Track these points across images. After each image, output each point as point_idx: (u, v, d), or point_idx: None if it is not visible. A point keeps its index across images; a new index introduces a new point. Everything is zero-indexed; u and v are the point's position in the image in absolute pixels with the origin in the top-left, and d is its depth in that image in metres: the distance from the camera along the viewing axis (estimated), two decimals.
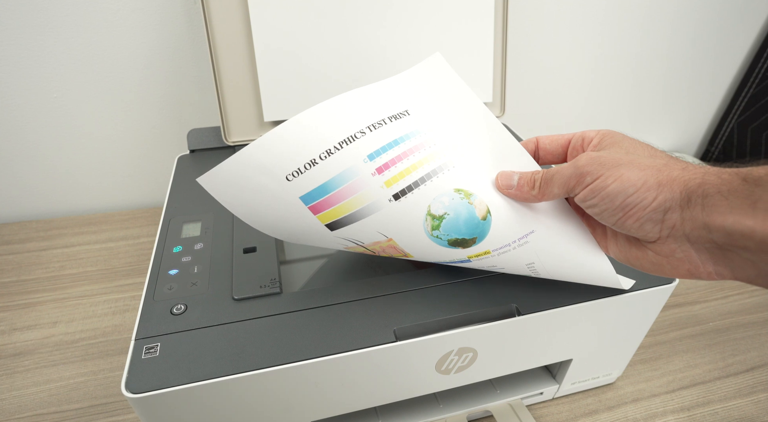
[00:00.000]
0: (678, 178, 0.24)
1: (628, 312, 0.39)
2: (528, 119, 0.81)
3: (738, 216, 0.22)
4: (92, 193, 0.70)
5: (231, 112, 0.54)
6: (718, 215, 0.22)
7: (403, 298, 0.35)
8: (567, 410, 0.45)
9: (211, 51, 0.51)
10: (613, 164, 0.26)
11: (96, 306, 0.54)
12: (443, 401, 0.43)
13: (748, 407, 0.46)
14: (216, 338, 0.32)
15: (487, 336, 0.35)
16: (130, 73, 0.61)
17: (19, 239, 0.64)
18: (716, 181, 0.23)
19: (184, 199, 0.47)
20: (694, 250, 0.25)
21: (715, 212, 0.23)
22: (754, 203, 0.21)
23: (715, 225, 0.23)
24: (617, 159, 0.26)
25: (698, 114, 0.93)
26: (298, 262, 0.45)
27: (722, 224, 0.22)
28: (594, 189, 0.26)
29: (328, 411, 0.36)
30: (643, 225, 0.25)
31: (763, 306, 0.58)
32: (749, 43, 0.84)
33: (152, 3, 0.57)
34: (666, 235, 0.25)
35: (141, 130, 0.66)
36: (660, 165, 0.25)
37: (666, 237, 0.25)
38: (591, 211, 0.28)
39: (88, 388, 0.45)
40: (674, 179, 0.24)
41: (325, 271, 0.42)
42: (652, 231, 0.26)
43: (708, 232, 0.23)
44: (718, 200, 0.23)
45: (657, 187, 0.24)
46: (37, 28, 0.55)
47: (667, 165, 0.25)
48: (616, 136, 0.30)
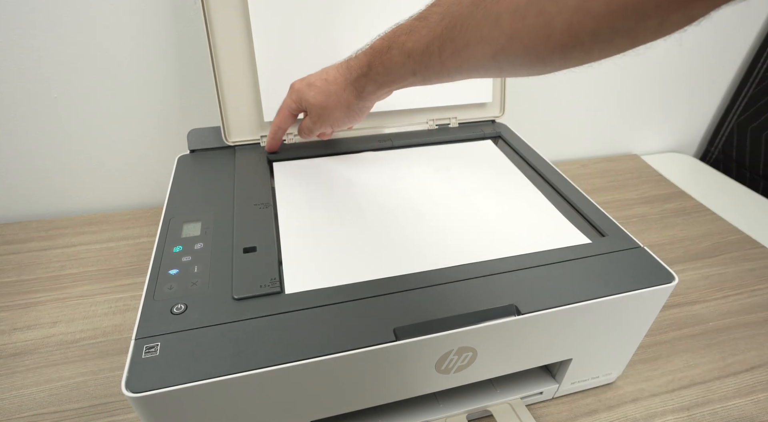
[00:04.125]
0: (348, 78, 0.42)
1: (628, 312, 0.39)
2: (528, 119, 0.81)
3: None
4: (93, 193, 0.70)
5: (231, 112, 0.54)
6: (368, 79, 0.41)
7: (403, 298, 0.35)
8: (567, 410, 0.45)
9: (211, 51, 0.51)
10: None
11: (96, 305, 0.54)
12: (443, 400, 0.43)
13: (748, 407, 0.46)
14: (216, 338, 0.32)
15: (486, 335, 0.35)
16: (130, 73, 0.61)
17: (19, 239, 0.64)
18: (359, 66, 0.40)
19: (184, 199, 0.47)
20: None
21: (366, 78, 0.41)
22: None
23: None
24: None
25: (698, 114, 0.93)
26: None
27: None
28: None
29: (328, 411, 0.36)
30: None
31: (763, 306, 0.58)
32: (749, 43, 0.84)
33: (152, 3, 0.57)
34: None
35: (141, 130, 0.66)
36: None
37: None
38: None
39: (89, 388, 0.45)
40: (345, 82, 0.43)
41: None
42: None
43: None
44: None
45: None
46: (37, 28, 0.55)
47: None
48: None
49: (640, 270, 0.39)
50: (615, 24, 0.22)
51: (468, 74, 0.32)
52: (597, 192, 0.79)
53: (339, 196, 0.48)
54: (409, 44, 0.34)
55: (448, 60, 0.32)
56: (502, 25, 0.27)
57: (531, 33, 0.25)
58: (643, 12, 0.21)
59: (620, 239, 0.42)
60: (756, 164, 0.87)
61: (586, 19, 0.23)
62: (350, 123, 0.47)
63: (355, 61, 0.41)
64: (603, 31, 0.23)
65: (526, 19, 0.25)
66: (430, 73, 0.34)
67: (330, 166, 0.53)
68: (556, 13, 0.24)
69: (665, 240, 0.68)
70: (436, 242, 0.42)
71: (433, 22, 0.32)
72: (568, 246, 0.41)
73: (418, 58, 0.34)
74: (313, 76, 0.46)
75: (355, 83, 0.42)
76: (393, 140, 0.58)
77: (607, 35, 0.23)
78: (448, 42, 0.31)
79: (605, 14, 0.22)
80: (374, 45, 0.38)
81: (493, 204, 0.47)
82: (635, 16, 0.22)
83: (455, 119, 0.61)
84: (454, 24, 0.30)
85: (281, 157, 0.54)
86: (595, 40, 0.24)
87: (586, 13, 0.23)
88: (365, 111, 0.46)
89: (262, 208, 0.45)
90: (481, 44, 0.28)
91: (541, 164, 0.54)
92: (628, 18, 0.22)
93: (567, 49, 0.25)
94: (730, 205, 0.78)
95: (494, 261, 0.39)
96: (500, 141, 0.60)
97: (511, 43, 0.27)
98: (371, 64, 0.39)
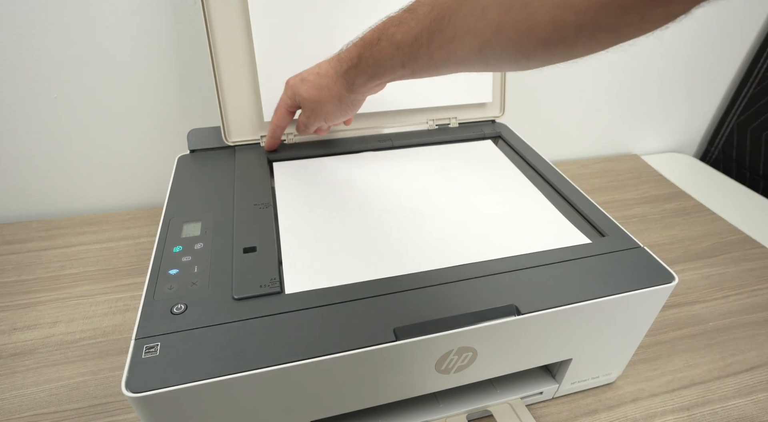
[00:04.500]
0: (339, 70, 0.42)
1: (628, 311, 0.39)
2: (528, 119, 0.81)
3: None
4: (92, 193, 0.70)
5: (231, 112, 0.54)
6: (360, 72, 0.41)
7: (403, 298, 0.35)
8: (567, 410, 0.45)
9: (211, 51, 0.51)
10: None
11: (96, 305, 0.54)
12: (443, 400, 0.43)
13: (748, 407, 0.46)
14: (216, 338, 0.32)
15: (486, 335, 0.35)
16: (130, 73, 0.61)
17: (19, 239, 0.64)
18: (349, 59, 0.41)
19: (184, 199, 0.47)
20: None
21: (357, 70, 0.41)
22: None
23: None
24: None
25: (698, 114, 0.93)
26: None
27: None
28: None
29: (328, 411, 0.36)
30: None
31: (763, 306, 0.58)
32: (749, 43, 0.84)
33: (152, 3, 0.57)
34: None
35: (141, 130, 0.66)
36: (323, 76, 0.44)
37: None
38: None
39: (89, 388, 0.45)
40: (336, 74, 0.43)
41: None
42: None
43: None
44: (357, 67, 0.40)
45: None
46: (37, 28, 0.55)
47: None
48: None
49: (640, 270, 0.39)
50: (597, 19, 0.23)
51: (456, 68, 0.33)
52: (597, 192, 0.79)
53: (339, 196, 0.48)
54: (398, 36, 0.34)
55: (435, 52, 0.32)
56: (488, 17, 0.27)
57: (515, 26, 0.26)
58: (624, 7, 0.22)
59: (620, 239, 0.42)
60: (756, 164, 0.87)
61: (568, 13, 0.23)
62: (343, 116, 0.47)
63: (345, 54, 0.41)
64: (585, 25, 0.23)
65: (511, 11, 0.26)
66: (418, 65, 0.34)
67: (330, 166, 0.53)
68: (539, 6, 0.24)
69: (665, 240, 0.68)
70: (436, 242, 0.42)
71: (422, 14, 0.32)
72: (568, 246, 0.41)
73: (407, 50, 0.34)
74: (306, 71, 0.46)
75: (345, 75, 0.42)
76: (393, 140, 0.58)
77: (590, 30, 0.23)
78: (437, 33, 0.31)
79: (587, 8, 0.23)
80: (364, 37, 0.38)
81: (493, 204, 0.47)
82: (617, 12, 0.22)
83: (455, 119, 0.61)
84: (442, 15, 0.30)
85: (281, 157, 0.55)
86: (578, 35, 0.24)
87: (568, 7, 0.23)
88: (358, 104, 0.46)
89: (262, 208, 0.45)
90: (468, 36, 0.29)
91: (541, 164, 0.54)
92: (609, 13, 0.22)
93: (550, 43, 0.25)
94: (730, 205, 0.78)
95: (494, 261, 0.39)
96: (500, 141, 0.60)
97: (497, 36, 0.27)
98: (361, 55, 0.39)
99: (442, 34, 0.31)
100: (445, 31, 0.30)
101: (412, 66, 0.35)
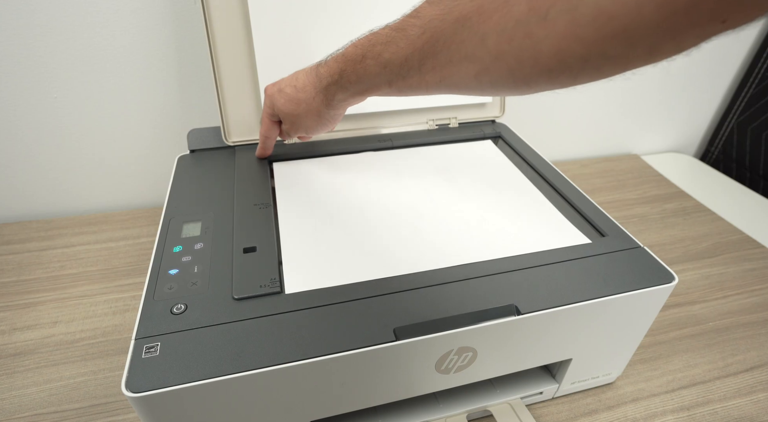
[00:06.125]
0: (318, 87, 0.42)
1: (628, 311, 0.39)
2: (528, 119, 0.81)
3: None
4: (92, 193, 0.70)
5: (231, 112, 0.54)
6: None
7: (403, 298, 0.35)
8: (567, 410, 0.45)
9: (211, 51, 0.51)
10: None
11: (96, 306, 0.54)
12: (443, 400, 0.43)
13: (748, 407, 0.46)
14: (216, 338, 0.32)
15: (486, 335, 0.35)
16: (130, 73, 0.61)
17: (19, 239, 0.64)
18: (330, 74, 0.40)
19: (184, 199, 0.47)
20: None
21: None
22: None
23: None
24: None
25: (698, 114, 0.93)
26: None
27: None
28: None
29: (328, 410, 0.36)
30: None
31: (763, 306, 0.58)
32: (749, 43, 0.84)
33: (152, 3, 0.57)
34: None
35: (141, 130, 0.66)
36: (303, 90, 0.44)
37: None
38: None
39: (89, 388, 0.45)
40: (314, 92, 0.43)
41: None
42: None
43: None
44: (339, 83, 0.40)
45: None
46: (37, 28, 0.55)
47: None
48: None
49: (640, 270, 0.39)
50: (605, 50, 0.22)
51: (447, 90, 0.32)
52: (597, 192, 0.79)
53: (339, 196, 0.48)
54: (386, 55, 0.33)
55: (428, 74, 0.31)
56: (487, 45, 0.26)
57: (517, 55, 0.25)
58: (633, 39, 0.21)
59: (620, 239, 0.42)
60: (756, 164, 0.87)
61: (575, 44, 0.22)
62: (324, 129, 0.47)
63: (325, 68, 0.40)
64: (592, 56, 0.22)
65: (512, 41, 0.25)
66: (406, 85, 0.33)
67: (330, 166, 0.53)
68: (543, 36, 0.23)
69: (665, 240, 0.68)
70: (436, 242, 0.42)
71: (413, 35, 0.31)
72: (568, 246, 0.41)
73: (396, 70, 0.33)
74: (284, 81, 0.45)
75: (324, 91, 0.41)
76: (393, 140, 0.58)
77: (597, 61, 0.23)
78: (430, 57, 0.30)
79: (595, 40, 0.22)
80: (346, 52, 0.37)
81: (493, 204, 0.47)
82: (625, 44, 0.21)
83: (455, 119, 0.61)
84: (436, 39, 0.29)
85: (281, 157, 0.55)
86: (584, 65, 0.23)
87: (575, 39, 0.22)
88: (338, 117, 0.45)
89: (262, 208, 0.45)
90: (465, 62, 0.28)
91: (541, 164, 0.54)
92: (617, 45, 0.21)
93: (554, 73, 0.24)
94: (730, 205, 0.78)
95: (494, 261, 0.39)
96: (500, 141, 0.60)
97: (496, 63, 0.26)
98: (343, 71, 0.38)
99: (435, 58, 0.30)
100: (438, 56, 0.29)
101: (400, 85, 0.34)
